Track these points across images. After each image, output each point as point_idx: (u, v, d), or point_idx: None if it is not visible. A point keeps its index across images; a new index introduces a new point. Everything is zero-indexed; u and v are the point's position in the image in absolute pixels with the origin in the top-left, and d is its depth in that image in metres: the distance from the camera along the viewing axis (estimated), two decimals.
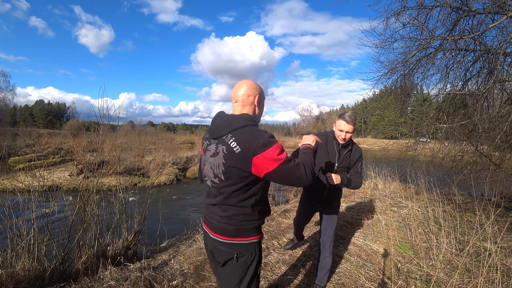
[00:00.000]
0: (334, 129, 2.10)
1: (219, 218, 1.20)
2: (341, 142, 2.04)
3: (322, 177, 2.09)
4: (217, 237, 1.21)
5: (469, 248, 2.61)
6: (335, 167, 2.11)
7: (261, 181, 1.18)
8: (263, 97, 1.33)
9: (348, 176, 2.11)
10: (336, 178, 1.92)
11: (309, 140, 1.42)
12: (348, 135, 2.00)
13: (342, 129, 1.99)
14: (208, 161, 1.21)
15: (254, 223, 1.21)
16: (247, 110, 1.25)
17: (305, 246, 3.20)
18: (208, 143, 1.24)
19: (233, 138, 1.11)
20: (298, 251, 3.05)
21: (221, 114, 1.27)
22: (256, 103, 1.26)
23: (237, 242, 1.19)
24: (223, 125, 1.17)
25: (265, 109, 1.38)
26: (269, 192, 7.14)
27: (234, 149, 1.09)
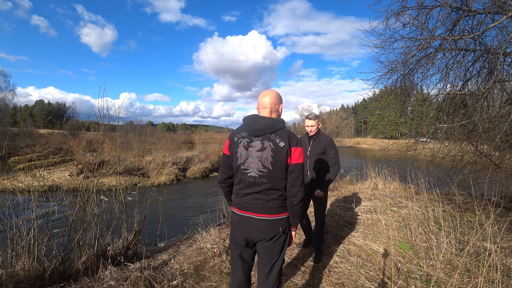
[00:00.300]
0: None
1: (264, 202, 1.48)
2: (310, 134, 2.79)
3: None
4: (265, 216, 1.49)
5: (469, 248, 2.61)
6: (307, 153, 2.78)
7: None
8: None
9: (325, 178, 2.72)
10: (318, 193, 2.70)
11: None
12: (313, 128, 2.75)
13: (308, 124, 2.80)
14: (254, 155, 1.48)
15: (285, 201, 1.53)
16: (274, 115, 1.57)
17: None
18: (249, 140, 1.51)
19: (278, 136, 1.46)
20: (298, 251, 3.06)
21: (258, 117, 1.54)
22: (279, 111, 1.60)
23: (281, 217, 1.51)
24: (267, 126, 1.49)
25: None
26: None
27: (280, 144, 1.44)
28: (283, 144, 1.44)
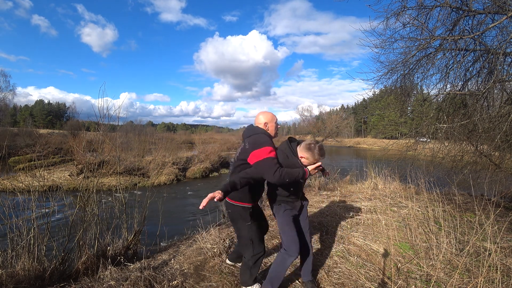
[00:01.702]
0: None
1: None
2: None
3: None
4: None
5: (469, 248, 2.61)
6: None
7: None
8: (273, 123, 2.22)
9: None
10: None
11: (311, 167, 2.05)
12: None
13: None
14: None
15: (243, 191, 2.12)
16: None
17: None
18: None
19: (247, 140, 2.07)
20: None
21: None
22: (262, 124, 2.18)
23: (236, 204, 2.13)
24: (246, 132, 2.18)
25: (265, 108, 1.75)
26: None
27: (246, 146, 2.04)
28: (247, 146, 2.03)
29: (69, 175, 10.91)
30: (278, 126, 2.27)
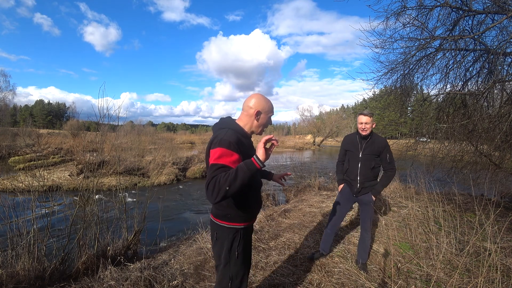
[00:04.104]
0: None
1: None
2: (362, 133, 2.45)
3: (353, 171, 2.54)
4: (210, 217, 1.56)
5: (469, 248, 2.61)
6: (359, 155, 2.50)
7: None
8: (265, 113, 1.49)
9: (379, 181, 2.51)
10: (373, 198, 2.49)
11: (260, 154, 1.17)
12: (368, 126, 2.41)
13: (361, 121, 2.44)
14: None
15: (221, 206, 1.48)
16: (242, 115, 1.48)
17: (304, 246, 3.20)
18: None
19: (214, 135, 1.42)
20: (297, 252, 3.05)
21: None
22: (249, 112, 1.45)
23: (214, 221, 1.49)
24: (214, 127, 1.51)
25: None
26: (269, 192, 7.16)
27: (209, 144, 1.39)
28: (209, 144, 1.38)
29: (69, 175, 10.91)
30: (269, 124, 1.57)
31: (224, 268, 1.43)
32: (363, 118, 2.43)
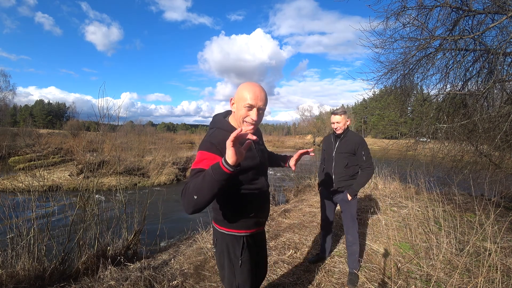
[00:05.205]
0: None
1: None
2: (336, 132, 2.47)
3: (328, 169, 2.53)
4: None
5: (469, 248, 2.61)
6: (333, 154, 2.49)
7: None
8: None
9: (356, 180, 2.42)
10: (349, 197, 2.40)
11: (229, 155, 0.91)
12: (340, 126, 2.42)
13: (333, 121, 2.46)
14: None
15: (219, 211, 1.38)
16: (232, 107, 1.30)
17: (304, 247, 3.20)
18: None
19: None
20: (297, 252, 3.05)
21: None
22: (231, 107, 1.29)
23: (214, 226, 1.40)
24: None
25: (267, 109, 1.32)
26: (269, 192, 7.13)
27: None
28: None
29: (69, 175, 10.91)
30: (258, 116, 1.22)
31: (229, 277, 1.31)
32: (335, 118, 2.44)
